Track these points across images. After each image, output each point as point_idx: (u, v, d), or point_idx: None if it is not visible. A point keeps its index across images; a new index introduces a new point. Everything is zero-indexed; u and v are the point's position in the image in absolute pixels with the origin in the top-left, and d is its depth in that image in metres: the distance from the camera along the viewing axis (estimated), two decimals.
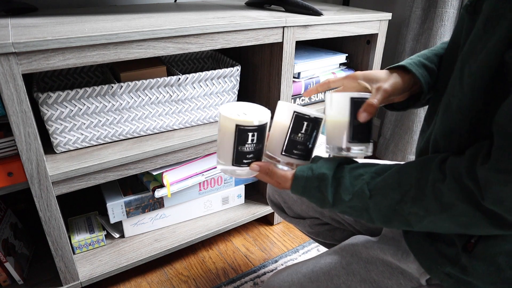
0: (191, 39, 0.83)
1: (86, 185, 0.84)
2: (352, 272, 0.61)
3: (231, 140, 0.55)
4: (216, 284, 1.07)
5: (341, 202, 0.54)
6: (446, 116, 0.50)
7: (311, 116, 0.56)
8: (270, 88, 1.09)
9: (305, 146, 0.58)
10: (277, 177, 0.58)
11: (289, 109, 0.56)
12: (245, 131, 0.54)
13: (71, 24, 0.80)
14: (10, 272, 0.91)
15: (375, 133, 1.84)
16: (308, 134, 0.57)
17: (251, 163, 0.58)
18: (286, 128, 0.57)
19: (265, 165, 0.58)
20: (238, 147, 0.55)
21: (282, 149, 0.58)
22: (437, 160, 0.47)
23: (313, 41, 1.45)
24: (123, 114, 0.90)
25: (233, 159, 0.57)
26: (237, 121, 0.53)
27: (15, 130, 0.71)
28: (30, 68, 0.68)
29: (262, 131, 0.56)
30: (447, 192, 0.44)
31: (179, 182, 1.02)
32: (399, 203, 0.49)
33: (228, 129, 0.55)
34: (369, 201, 0.51)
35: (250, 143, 0.56)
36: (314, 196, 0.56)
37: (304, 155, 0.59)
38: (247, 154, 0.56)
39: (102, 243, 1.04)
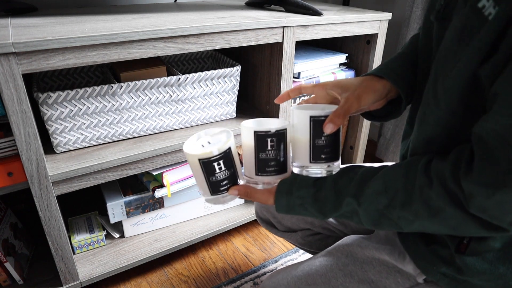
0: (191, 39, 0.83)
1: (86, 185, 0.84)
2: (349, 273, 0.61)
3: (200, 174, 0.56)
4: (216, 284, 1.07)
5: (330, 214, 0.54)
6: (423, 127, 0.50)
7: (272, 132, 0.55)
8: (270, 88, 1.09)
9: (277, 161, 0.57)
10: (258, 197, 0.58)
11: (249, 130, 0.56)
12: (210, 163, 0.54)
13: (71, 24, 0.80)
14: (10, 272, 0.91)
15: (376, 133, 1.84)
16: (276, 149, 0.56)
17: (229, 189, 0.58)
18: (252, 149, 0.56)
19: (242, 188, 0.58)
20: (210, 178, 0.56)
21: (255, 169, 0.57)
22: (422, 164, 0.47)
23: (313, 41, 1.45)
24: (123, 114, 0.90)
25: (209, 190, 0.57)
26: (198, 155, 0.54)
27: (15, 130, 0.71)
28: (30, 68, 0.68)
29: (226, 157, 0.56)
30: (434, 197, 0.45)
31: (179, 182, 1.02)
32: (387, 207, 0.49)
33: (194, 164, 0.55)
34: (358, 208, 0.51)
35: (219, 172, 0.56)
36: (300, 213, 0.56)
37: (279, 169, 0.58)
38: (221, 182, 0.57)
39: (102, 243, 1.04)
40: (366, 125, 1.36)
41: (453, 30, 0.44)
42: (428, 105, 0.48)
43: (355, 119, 1.37)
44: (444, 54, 0.45)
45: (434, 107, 0.47)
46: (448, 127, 0.47)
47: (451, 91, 0.44)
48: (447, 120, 0.46)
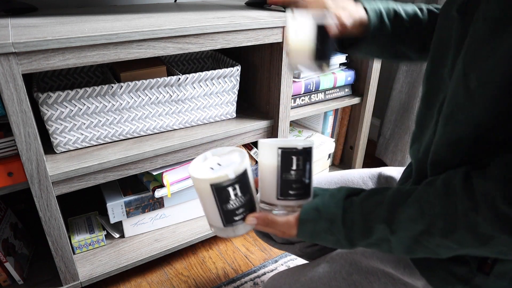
0: (191, 39, 0.83)
1: (86, 185, 0.84)
2: (354, 283, 0.59)
3: (211, 201, 0.48)
4: (216, 284, 1.07)
5: (357, 242, 0.49)
6: (451, 127, 0.46)
7: (299, 148, 0.50)
8: (270, 88, 1.09)
9: (302, 183, 0.51)
10: (279, 226, 0.52)
11: (272, 147, 0.50)
12: (224, 188, 0.47)
13: (71, 24, 0.80)
14: (10, 272, 0.91)
15: (375, 133, 1.84)
16: (301, 169, 0.51)
17: (246, 217, 0.51)
18: (274, 169, 0.50)
19: (262, 216, 0.51)
20: (223, 207, 0.48)
21: (277, 193, 0.51)
22: (460, 182, 0.42)
23: None
24: (123, 114, 0.90)
25: (222, 221, 0.49)
26: (211, 180, 0.46)
27: (15, 130, 0.71)
28: (30, 68, 0.68)
29: (243, 181, 0.48)
30: (482, 223, 0.39)
31: (179, 182, 1.02)
32: (423, 234, 0.44)
33: (204, 190, 0.48)
34: (391, 237, 0.46)
35: (235, 198, 0.48)
36: (326, 239, 0.51)
37: (303, 193, 0.52)
38: (236, 210, 0.49)
39: (102, 243, 1.04)
40: (366, 125, 1.36)
41: (484, 21, 0.41)
42: (458, 102, 0.45)
43: (355, 119, 1.37)
44: (475, 47, 0.42)
45: (466, 101, 0.43)
46: (479, 126, 0.43)
47: (489, 84, 0.40)
48: (482, 118, 0.42)
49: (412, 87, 1.45)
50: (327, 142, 1.36)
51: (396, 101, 1.54)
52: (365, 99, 1.30)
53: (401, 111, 1.53)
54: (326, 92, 1.25)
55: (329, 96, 1.27)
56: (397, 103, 1.53)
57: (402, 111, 1.52)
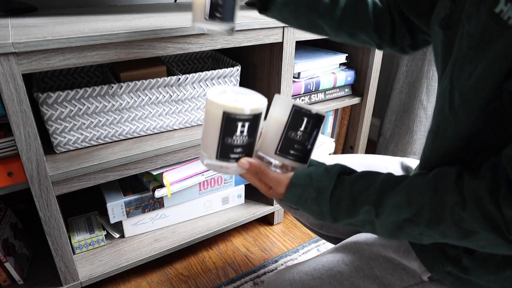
0: (191, 39, 0.83)
1: (86, 185, 0.84)
2: (355, 268, 0.61)
3: (216, 129, 0.48)
4: (216, 284, 1.07)
5: (341, 219, 0.51)
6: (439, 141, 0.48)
7: (312, 112, 0.50)
8: (270, 88, 1.09)
9: (303, 147, 0.52)
10: (269, 180, 0.52)
11: (287, 104, 0.50)
12: (234, 120, 0.47)
13: (71, 24, 0.80)
14: (10, 272, 0.91)
15: (375, 133, 1.84)
16: (308, 133, 0.51)
17: (240, 159, 0.50)
18: (282, 124, 0.50)
19: (256, 164, 0.51)
20: (225, 139, 0.48)
21: (277, 148, 0.51)
22: (452, 178, 0.43)
23: (313, 41, 1.45)
24: (123, 114, 0.90)
25: (217, 152, 0.49)
26: (225, 107, 0.46)
27: (15, 130, 0.71)
28: (30, 68, 0.68)
29: (254, 123, 0.49)
30: (468, 219, 0.41)
31: (179, 182, 1.02)
32: (407, 222, 0.45)
33: (214, 116, 0.47)
34: (375, 219, 0.48)
35: (239, 135, 0.48)
36: (310, 208, 0.52)
37: (301, 157, 0.52)
38: (235, 148, 0.49)
39: (102, 243, 1.04)
40: (366, 125, 1.36)
41: (467, 38, 0.42)
42: (444, 117, 0.46)
43: (355, 119, 1.37)
44: (459, 63, 0.43)
45: (452, 118, 0.44)
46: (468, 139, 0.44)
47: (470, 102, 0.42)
48: (467, 132, 0.43)
49: (412, 87, 1.45)
50: (327, 142, 1.36)
51: (396, 101, 1.53)
52: (365, 99, 1.30)
53: (401, 111, 1.53)
54: (326, 92, 1.25)
55: (329, 96, 1.27)
56: (397, 103, 1.53)
57: (402, 111, 1.52)
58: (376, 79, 1.28)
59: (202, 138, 0.52)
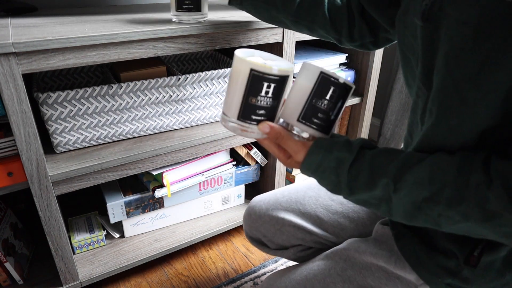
0: (191, 39, 0.83)
1: (86, 185, 0.84)
2: (348, 279, 0.60)
3: (241, 87, 0.46)
4: (216, 284, 1.07)
5: (358, 192, 0.48)
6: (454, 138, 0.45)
7: (340, 81, 0.47)
8: None
9: (327, 116, 0.49)
10: (288, 146, 0.50)
11: (315, 70, 0.47)
12: (260, 79, 0.45)
13: (71, 24, 0.80)
14: (10, 272, 0.91)
15: (376, 133, 1.84)
16: (333, 102, 0.48)
17: (261, 122, 0.48)
18: (307, 91, 0.48)
19: (277, 128, 0.49)
20: (248, 98, 0.46)
21: (300, 114, 0.49)
22: (479, 158, 0.41)
23: (313, 41, 1.45)
24: (123, 114, 0.90)
25: (240, 111, 0.47)
26: (253, 64, 0.44)
27: (15, 130, 0.71)
28: (30, 68, 0.68)
29: (281, 85, 0.47)
30: (493, 198, 0.38)
31: (179, 182, 1.02)
32: (427, 201, 0.42)
33: (240, 73, 0.45)
34: (393, 195, 0.45)
35: (264, 96, 0.46)
36: (327, 178, 0.50)
37: (324, 127, 0.50)
38: (258, 109, 0.47)
39: (102, 243, 1.04)
40: (366, 125, 1.36)
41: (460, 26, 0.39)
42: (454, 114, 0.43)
43: (355, 119, 1.38)
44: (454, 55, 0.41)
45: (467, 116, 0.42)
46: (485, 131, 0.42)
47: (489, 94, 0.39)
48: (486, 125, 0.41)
49: None
50: None
51: (396, 101, 1.54)
52: (365, 99, 1.31)
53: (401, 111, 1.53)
54: None
55: None
56: (397, 103, 1.54)
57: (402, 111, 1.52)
58: (376, 79, 1.28)
59: (225, 98, 0.50)
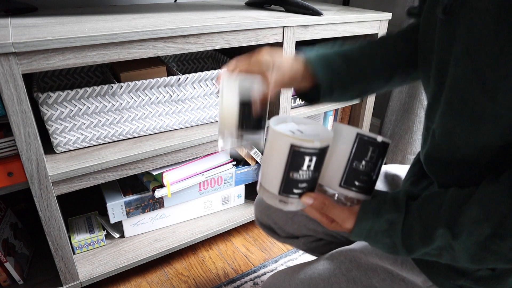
0: (191, 39, 0.83)
1: (86, 185, 0.84)
2: (353, 279, 0.59)
3: (281, 163, 0.44)
4: (216, 284, 1.07)
5: (416, 249, 0.46)
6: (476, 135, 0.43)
7: (378, 141, 0.46)
8: None
9: (369, 177, 0.48)
10: (334, 214, 0.48)
11: (350, 132, 0.46)
12: (302, 154, 0.43)
13: (71, 24, 0.80)
14: (10, 272, 0.91)
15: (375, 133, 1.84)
16: (373, 163, 0.47)
17: (303, 194, 0.47)
18: (346, 155, 0.47)
19: (321, 198, 0.47)
20: (290, 173, 0.45)
21: (341, 180, 0.48)
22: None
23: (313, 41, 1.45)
24: (123, 114, 0.90)
25: (281, 186, 0.46)
26: (293, 140, 0.43)
27: (15, 130, 0.71)
28: (30, 68, 0.68)
29: (321, 156, 0.45)
30: None
31: (179, 182, 1.02)
32: (491, 237, 0.40)
33: (280, 149, 0.44)
34: (453, 242, 0.42)
35: (306, 170, 0.45)
36: (381, 241, 0.48)
37: (366, 188, 0.48)
38: (300, 183, 0.46)
39: (102, 243, 1.04)
40: (366, 125, 1.36)
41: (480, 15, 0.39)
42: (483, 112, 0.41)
43: (355, 119, 1.37)
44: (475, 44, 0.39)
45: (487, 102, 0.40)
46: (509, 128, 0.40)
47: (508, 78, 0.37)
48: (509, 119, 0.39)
49: (412, 87, 1.45)
50: None
51: (396, 101, 1.53)
52: (365, 99, 1.30)
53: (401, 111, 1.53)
54: None
55: None
56: (397, 103, 1.53)
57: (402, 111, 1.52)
58: None
59: (262, 169, 0.48)
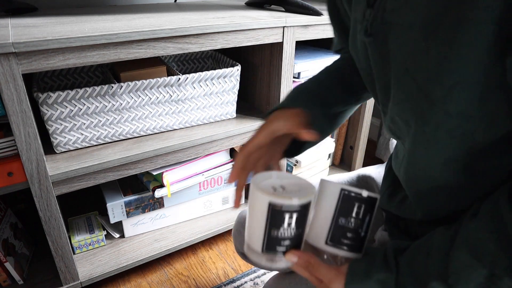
0: (191, 39, 0.83)
1: (86, 185, 0.84)
2: None
3: (262, 221, 0.44)
4: (216, 284, 1.07)
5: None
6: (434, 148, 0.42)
7: (363, 196, 0.45)
8: (270, 88, 1.09)
9: (356, 234, 0.46)
10: (321, 274, 0.46)
11: (334, 187, 0.46)
12: (281, 213, 0.43)
13: (71, 24, 0.80)
14: (10, 272, 0.91)
15: (376, 133, 1.84)
16: (360, 219, 0.46)
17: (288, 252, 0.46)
18: (331, 211, 0.46)
19: (306, 256, 0.46)
20: (271, 231, 0.44)
21: (327, 237, 0.47)
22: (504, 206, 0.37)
23: (313, 41, 1.45)
24: (123, 114, 0.90)
25: (263, 244, 0.45)
26: (271, 198, 0.42)
27: (15, 130, 0.71)
28: (30, 68, 0.68)
29: (303, 213, 0.44)
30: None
31: (179, 182, 1.02)
32: (490, 278, 0.37)
33: (260, 206, 0.44)
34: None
35: (287, 228, 0.44)
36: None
37: (355, 246, 0.47)
38: (282, 241, 0.45)
39: (102, 243, 1.04)
40: (366, 125, 1.36)
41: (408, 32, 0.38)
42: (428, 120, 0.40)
43: (355, 119, 1.37)
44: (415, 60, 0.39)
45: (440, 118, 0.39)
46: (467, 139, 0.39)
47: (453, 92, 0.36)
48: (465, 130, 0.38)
49: None
50: (327, 142, 1.36)
51: None
52: None
53: None
54: None
55: None
56: None
57: None
58: None
59: (246, 226, 0.48)
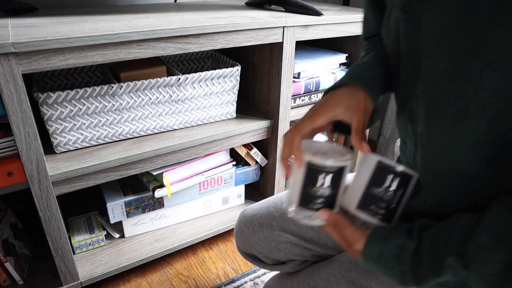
0: (191, 39, 0.83)
1: (86, 185, 0.84)
2: (352, 280, 0.60)
3: (300, 178, 0.49)
4: (216, 284, 1.07)
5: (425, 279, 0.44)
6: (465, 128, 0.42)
7: (397, 170, 0.47)
8: (270, 88, 1.09)
9: (387, 205, 0.49)
10: (346, 234, 0.48)
11: (372, 159, 0.49)
12: (315, 172, 0.48)
13: (71, 24, 0.80)
14: (10, 272, 0.91)
15: (376, 133, 1.84)
16: (393, 192, 0.48)
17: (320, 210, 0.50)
18: (365, 180, 0.49)
19: (335, 216, 0.49)
20: (306, 188, 0.49)
21: (358, 203, 0.50)
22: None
23: (313, 41, 1.45)
24: (123, 114, 0.90)
25: (299, 199, 0.50)
26: (310, 158, 0.47)
27: (15, 130, 0.71)
28: (30, 68, 0.68)
29: (336, 176, 0.48)
30: None
31: (179, 182, 1.02)
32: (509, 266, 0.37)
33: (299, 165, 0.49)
34: (466, 273, 0.40)
35: (320, 186, 0.48)
36: (391, 268, 0.46)
37: (384, 215, 0.49)
38: (315, 199, 0.49)
39: (102, 243, 1.04)
40: None
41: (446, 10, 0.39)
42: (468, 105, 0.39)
43: None
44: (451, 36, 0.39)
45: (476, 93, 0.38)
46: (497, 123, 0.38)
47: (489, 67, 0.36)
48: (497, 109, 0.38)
49: None
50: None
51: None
52: None
53: None
54: None
55: None
56: None
57: None
58: None
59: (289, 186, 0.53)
